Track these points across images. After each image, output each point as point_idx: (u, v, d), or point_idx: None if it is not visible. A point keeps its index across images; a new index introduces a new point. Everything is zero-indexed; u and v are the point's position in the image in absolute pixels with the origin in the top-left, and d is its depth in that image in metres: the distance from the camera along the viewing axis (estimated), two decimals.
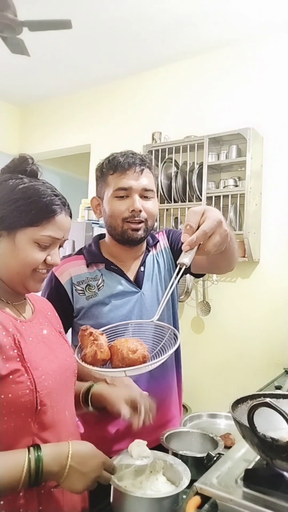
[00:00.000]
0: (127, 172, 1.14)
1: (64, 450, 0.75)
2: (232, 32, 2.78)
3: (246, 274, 2.81)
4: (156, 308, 1.04)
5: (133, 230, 1.15)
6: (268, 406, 0.78)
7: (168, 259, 1.30)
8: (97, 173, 1.22)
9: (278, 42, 2.75)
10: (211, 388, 2.82)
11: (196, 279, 2.94)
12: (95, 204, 1.25)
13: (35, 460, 0.71)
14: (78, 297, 1.18)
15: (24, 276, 0.84)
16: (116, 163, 1.15)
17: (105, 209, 1.18)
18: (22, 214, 0.81)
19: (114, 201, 1.15)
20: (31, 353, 0.81)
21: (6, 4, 2.14)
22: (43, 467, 0.71)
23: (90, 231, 2.79)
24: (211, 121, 2.94)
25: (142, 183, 1.15)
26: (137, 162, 1.15)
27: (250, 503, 0.72)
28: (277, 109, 2.73)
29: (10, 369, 0.75)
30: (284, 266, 2.67)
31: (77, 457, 0.75)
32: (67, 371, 0.91)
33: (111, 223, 1.17)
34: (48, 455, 0.73)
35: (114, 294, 1.18)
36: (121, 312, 1.17)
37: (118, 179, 1.14)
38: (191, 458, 0.99)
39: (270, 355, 2.59)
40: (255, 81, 2.83)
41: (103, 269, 1.21)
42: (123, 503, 0.80)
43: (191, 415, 1.33)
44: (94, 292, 1.18)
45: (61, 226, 0.85)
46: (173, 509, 0.80)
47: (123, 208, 1.14)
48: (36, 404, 0.77)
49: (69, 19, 2.25)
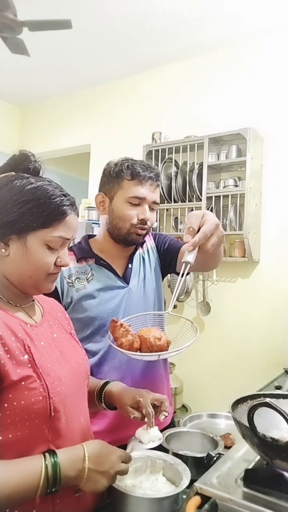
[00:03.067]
0: (144, 183, 1.24)
1: (79, 453, 0.74)
2: (232, 32, 2.78)
3: (246, 274, 2.81)
4: (143, 303, 1.28)
5: (137, 235, 1.25)
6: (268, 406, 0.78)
7: (155, 259, 1.39)
8: (110, 173, 1.28)
9: (278, 42, 2.75)
10: (211, 388, 2.82)
11: (196, 279, 2.94)
12: (100, 200, 1.30)
13: (52, 466, 0.70)
14: (68, 289, 1.23)
15: (37, 279, 0.83)
16: (136, 171, 1.24)
17: (113, 210, 1.26)
18: (33, 216, 0.79)
19: (127, 205, 1.23)
20: (43, 358, 0.79)
21: (6, 4, 2.14)
22: (60, 473, 0.70)
23: (90, 231, 2.79)
24: (211, 121, 2.94)
25: (154, 197, 1.26)
26: (154, 177, 1.26)
27: (250, 503, 0.72)
28: (277, 109, 2.73)
29: (21, 375, 0.74)
30: (284, 266, 2.67)
31: (94, 458, 0.74)
32: (80, 374, 0.90)
33: (118, 224, 1.25)
34: (65, 460, 0.72)
35: (103, 288, 1.25)
36: (109, 305, 1.24)
37: (135, 187, 1.23)
38: (191, 458, 0.99)
39: (270, 355, 2.59)
40: (255, 81, 2.83)
41: (92, 264, 1.28)
42: (123, 503, 0.80)
43: (191, 415, 1.33)
44: (84, 285, 1.24)
45: (71, 226, 0.84)
46: (173, 509, 0.80)
47: (134, 214, 1.23)
48: (49, 410, 0.76)
49: (69, 19, 2.25)
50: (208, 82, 3.05)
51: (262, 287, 2.74)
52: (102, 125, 3.64)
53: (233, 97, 2.92)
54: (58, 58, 3.24)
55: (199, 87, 3.09)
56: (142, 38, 2.91)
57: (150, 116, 3.31)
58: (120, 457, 0.78)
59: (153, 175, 1.26)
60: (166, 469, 0.91)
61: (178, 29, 2.78)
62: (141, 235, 1.26)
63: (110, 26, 2.77)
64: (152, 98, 3.34)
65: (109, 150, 3.59)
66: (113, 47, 3.04)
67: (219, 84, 2.99)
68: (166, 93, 3.26)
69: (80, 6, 2.55)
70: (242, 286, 2.83)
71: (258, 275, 2.77)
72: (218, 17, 2.62)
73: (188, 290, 2.84)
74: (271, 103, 2.76)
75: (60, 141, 3.96)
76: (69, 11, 2.50)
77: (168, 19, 2.66)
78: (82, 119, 3.78)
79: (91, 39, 2.94)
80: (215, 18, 2.63)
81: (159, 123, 3.21)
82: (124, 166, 1.26)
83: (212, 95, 3.02)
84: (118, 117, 3.53)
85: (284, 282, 2.64)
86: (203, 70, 3.08)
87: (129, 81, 3.49)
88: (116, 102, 3.56)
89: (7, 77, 3.58)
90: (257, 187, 2.68)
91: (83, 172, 3.98)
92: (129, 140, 3.40)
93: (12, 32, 2.29)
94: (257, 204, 2.69)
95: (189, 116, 3.10)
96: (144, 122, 3.32)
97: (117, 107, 3.55)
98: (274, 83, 2.76)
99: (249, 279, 2.80)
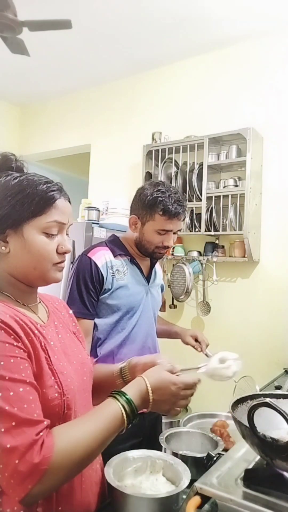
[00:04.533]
0: (173, 219, 1.45)
1: (143, 387, 0.82)
2: (232, 32, 2.78)
3: (246, 274, 2.81)
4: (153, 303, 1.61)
5: (160, 253, 1.52)
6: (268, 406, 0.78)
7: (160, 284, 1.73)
8: (144, 202, 1.45)
9: (278, 42, 2.75)
10: (211, 388, 2.81)
11: (196, 279, 2.94)
12: (133, 221, 1.51)
13: (127, 404, 0.78)
14: (110, 278, 1.46)
15: (42, 270, 0.83)
16: (167, 209, 1.42)
17: (144, 234, 1.49)
18: (24, 206, 0.80)
19: (155, 234, 1.47)
20: (56, 356, 0.81)
21: (6, 4, 2.14)
22: (136, 407, 0.79)
23: (90, 231, 2.79)
24: (211, 121, 2.94)
25: (179, 227, 1.50)
26: (182, 212, 1.46)
27: (250, 503, 0.72)
28: (277, 109, 2.73)
29: (41, 370, 0.75)
30: (284, 266, 2.67)
31: (156, 390, 0.82)
32: (85, 374, 0.90)
33: (145, 245, 1.50)
34: (133, 395, 0.80)
35: (134, 282, 1.52)
36: (136, 298, 1.52)
37: (165, 222, 1.44)
38: (191, 458, 0.99)
39: (270, 355, 2.59)
40: (255, 81, 2.83)
41: (127, 261, 1.53)
42: (123, 503, 0.80)
43: (191, 415, 1.33)
44: (122, 277, 1.49)
45: (64, 210, 0.84)
46: (173, 509, 0.80)
47: (159, 241, 1.48)
48: (63, 408, 0.77)
49: (69, 19, 2.25)
50: (208, 82, 3.05)
51: (262, 287, 2.74)
52: (102, 125, 3.64)
53: (233, 97, 2.92)
54: (58, 58, 3.24)
55: (199, 87, 3.09)
56: (142, 38, 2.91)
57: (150, 116, 3.31)
58: (179, 387, 0.85)
59: (182, 211, 1.45)
60: (166, 469, 0.91)
61: (178, 29, 2.78)
62: (162, 253, 1.53)
63: (110, 26, 2.77)
64: (152, 98, 3.34)
65: (109, 150, 3.59)
66: (113, 47, 3.04)
67: (219, 84, 2.99)
68: (166, 93, 3.26)
69: (80, 6, 2.55)
70: (242, 286, 2.83)
71: (258, 275, 2.77)
72: (218, 17, 2.62)
73: (188, 290, 2.84)
74: (271, 103, 2.76)
75: (60, 141, 3.96)
76: (69, 11, 2.50)
77: (168, 19, 2.66)
78: (82, 119, 3.78)
79: (91, 39, 2.94)
80: (215, 18, 2.63)
81: (159, 123, 3.21)
82: (157, 200, 1.42)
83: (212, 95, 3.02)
84: (118, 117, 3.53)
85: (284, 282, 2.64)
86: (203, 70, 3.08)
87: (129, 81, 3.49)
88: (116, 102, 3.56)
89: (7, 77, 3.58)
90: (257, 187, 2.68)
91: (83, 172, 3.98)
92: (129, 140, 3.40)
93: (12, 32, 2.29)
94: (257, 204, 2.69)
95: (189, 116, 3.10)
96: (144, 122, 3.33)
97: (117, 107, 3.55)
98: (274, 83, 2.75)
99: (249, 279, 2.80)
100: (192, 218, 2.84)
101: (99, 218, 3.03)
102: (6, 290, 0.84)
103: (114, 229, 2.96)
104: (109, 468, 0.86)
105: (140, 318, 1.52)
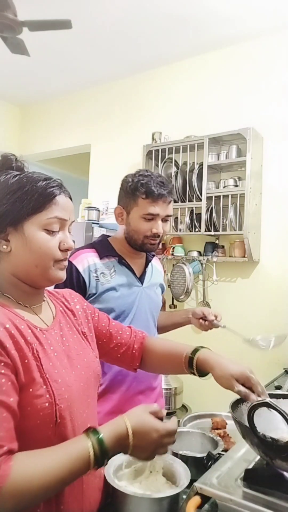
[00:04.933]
0: (157, 201, 1.34)
1: (122, 430, 0.74)
2: (232, 32, 2.78)
3: (246, 274, 2.81)
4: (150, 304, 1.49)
5: (151, 244, 1.40)
6: (268, 406, 0.78)
7: (160, 282, 1.60)
8: (126, 189, 1.38)
9: (278, 42, 2.75)
10: (211, 388, 2.81)
11: (196, 279, 2.94)
12: (118, 212, 1.43)
13: (98, 444, 0.70)
14: (94, 282, 1.36)
15: (44, 268, 0.81)
16: (150, 190, 1.33)
17: (130, 223, 1.39)
18: (23, 203, 0.79)
19: (141, 221, 1.36)
20: (50, 364, 0.78)
21: (6, 4, 2.14)
22: (107, 449, 0.71)
23: (90, 231, 2.79)
24: (211, 121, 2.94)
25: (166, 212, 1.38)
26: (167, 194, 1.35)
27: (250, 503, 0.72)
28: (277, 109, 2.73)
29: (30, 379, 0.73)
30: (284, 266, 2.67)
31: (137, 435, 0.74)
32: (88, 379, 0.87)
33: (133, 236, 1.39)
34: (108, 437, 0.72)
35: (123, 284, 1.41)
36: (127, 300, 1.40)
37: (149, 205, 1.34)
38: (191, 458, 0.99)
39: (270, 355, 2.59)
40: (255, 81, 2.83)
41: (115, 262, 1.42)
42: (123, 503, 0.80)
43: (191, 415, 1.33)
44: (108, 279, 1.38)
45: (64, 206, 0.83)
46: (173, 509, 0.80)
47: (147, 228, 1.36)
48: (55, 417, 0.74)
49: (69, 19, 2.25)
50: (208, 82, 3.05)
51: (262, 287, 2.74)
52: (102, 125, 3.64)
53: (233, 97, 2.91)
54: (58, 58, 3.24)
55: (199, 87, 3.09)
56: (142, 38, 2.91)
57: (150, 116, 3.31)
58: (162, 435, 0.76)
59: (166, 192, 1.35)
60: (166, 469, 0.91)
61: (178, 29, 2.78)
62: (154, 244, 1.40)
63: (110, 26, 2.77)
64: (152, 98, 3.34)
65: (109, 150, 3.59)
66: (113, 47, 3.03)
67: (219, 84, 2.99)
68: (166, 93, 3.26)
69: (80, 6, 2.55)
70: (242, 286, 2.83)
71: (258, 275, 2.77)
72: (218, 17, 2.62)
73: (188, 290, 2.84)
74: (271, 103, 2.75)
75: (60, 141, 3.96)
76: (69, 11, 2.50)
77: (168, 19, 2.66)
78: (82, 119, 3.78)
79: (91, 39, 2.94)
80: (215, 18, 2.63)
81: (159, 123, 3.21)
82: (139, 183, 1.34)
83: (212, 95, 3.01)
84: (118, 117, 3.53)
85: (284, 282, 2.64)
86: (203, 70, 3.08)
87: (129, 81, 3.48)
88: (116, 102, 3.56)
89: (7, 77, 3.58)
90: (257, 187, 2.68)
91: (83, 172, 3.98)
92: (129, 140, 3.40)
93: (12, 32, 2.29)
94: (257, 204, 2.69)
95: (189, 116, 3.10)
96: (144, 122, 3.32)
97: (117, 107, 3.55)
98: (274, 83, 2.75)
99: (249, 279, 2.80)
100: (192, 218, 2.84)
101: (99, 218, 3.03)
102: (7, 292, 0.82)
103: (114, 229, 2.96)
104: (109, 468, 0.87)
105: (134, 321, 1.41)
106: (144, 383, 1.43)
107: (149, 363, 1.10)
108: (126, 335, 1.09)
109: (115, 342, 1.07)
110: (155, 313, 1.54)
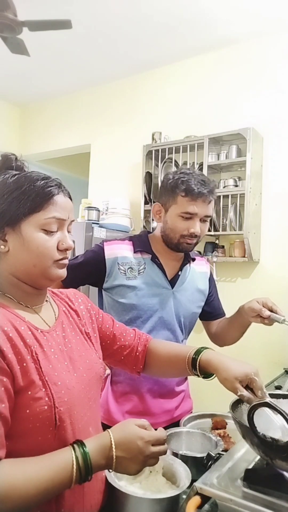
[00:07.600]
0: (197, 200, 1.29)
1: (106, 441, 0.73)
2: (231, 32, 2.78)
3: (246, 274, 2.81)
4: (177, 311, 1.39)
5: (187, 244, 1.34)
6: (268, 406, 0.78)
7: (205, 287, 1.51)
8: (166, 186, 1.34)
9: (278, 42, 2.75)
10: (211, 388, 2.81)
11: None
12: (157, 209, 1.38)
13: (82, 457, 0.70)
14: (118, 275, 1.34)
15: (42, 268, 0.80)
16: (189, 188, 1.28)
17: (167, 221, 1.34)
18: (21, 203, 0.78)
19: (179, 219, 1.31)
20: (50, 366, 0.77)
21: (6, 4, 2.14)
22: (91, 463, 0.70)
23: (90, 231, 2.79)
24: (211, 121, 2.94)
25: (205, 212, 1.32)
26: (207, 194, 1.29)
27: (250, 503, 0.72)
28: (277, 109, 2.73)
29: (27, 382, 0.72)
30: (284, 266, 2.67)
31: (121, 445, 0.73)
32: (90, 382, 0.86)
33: (169, 235, 1.34)
34: (93, 450, 0.71)
35: (150, 283, 1.36)
36: (150, 301, 1.35)
37: (188, 203, 1.29)
38: (191, 458, 0.99)
39: (270, 355, 2.59)
40: (255, 81, 2.83)
41: (147, 259, 1.38)
42: (123, 503, 0.80)
43: (191, 415, 1.33)
44: (134, 275, 1.35)
45: (63, 206, 0.82)
46: (173, 509, 0.80)
47: (185, 227, 1.31)
48: (55, 420, 0.73)
49: (69, 19, 2.25)
50: (208, 82, 3.05)
51: (262, 287, 2.73)
52: (102, 125, 3.64)
53: (233, 97, 2.92)
54: (58, 58, 3.24)
55: (199, 87, 3.09)
56: (142, 38, 2.91)
57: (150, 116, 3.31)
58: (148, 442, 0.74)
59: (207, 192, 1.30)
60: (166, 469, 0.91)
61: (178, 29, 2.78)
62: (191, 244, 1.34)
63: (110, 26, 2.77)
64: (152, 98, 3.34)
65: (109, 150, 3.59)
66: (113, 47, 3.03)
67: (219, 84, 2.99)
68: (166, 93, 3.26)
69: (80, 6, 2.55)
70: (242, 286, 2.83)
71: (258, 275, 2.77)
72: (218, 17, 2.62)
73: None
74: (271, 103, 2.76)
75: (60, 141, 3.96)
76: (69, 11, 2.50)
77: (168, 19, 2.66)
78: (82, 119, 3.78)
79: (91, 39, 2.94)
80: (215, 18, 2.63)
81: (159, 123, 3.21)
82: (179, 181, 1.30)
83: (212, 95, 3.02)
84: (118, 117, 3.53)
85: (284, 282, 2.64)
86: (203, 70, 3.08)
87: (129, 81, 3.49)
88: (116, 102, 3.56)
89: (7, 77, 3.58)
90: (257, 187, 2.68)
91: (83, 172, 3.98)
92: (129, 140, 3.40)
93: (12, 32, 2.29)
94: (257, 204, 2.69)
95: (189, 116, 3.10)
96: (144, 122, 3.32)
97: (117, 107, 3.55)
98: (274, 83, 2.76)
99: (249, 279, 2.80)
100: None
101: (99, 218, 3.03)
102: (8, 292, 0.82)
103: (114, 229, 2.96)
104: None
105: (158, 324, 1.35)
106: (167, 387, 1.41)
107: (153, 366, 1.08)
108: (130, 337, 1.08)
109: (118, 344, 1.06)
110: (186, 319, 1.43)
